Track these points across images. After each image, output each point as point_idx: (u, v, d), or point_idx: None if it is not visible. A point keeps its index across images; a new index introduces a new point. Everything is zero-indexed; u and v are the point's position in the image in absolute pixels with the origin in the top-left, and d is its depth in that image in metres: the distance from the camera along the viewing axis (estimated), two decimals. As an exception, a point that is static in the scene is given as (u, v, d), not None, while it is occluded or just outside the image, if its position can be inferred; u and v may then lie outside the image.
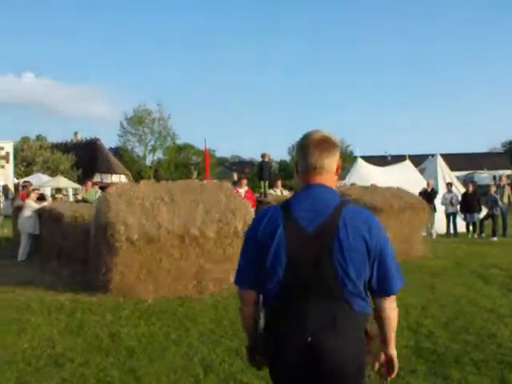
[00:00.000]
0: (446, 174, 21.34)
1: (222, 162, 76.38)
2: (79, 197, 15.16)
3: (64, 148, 41.03)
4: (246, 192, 11.81)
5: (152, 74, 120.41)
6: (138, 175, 45.34)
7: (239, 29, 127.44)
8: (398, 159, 45.65)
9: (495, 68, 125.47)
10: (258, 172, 13.56)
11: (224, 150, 77.87)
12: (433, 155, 23.91)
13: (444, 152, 65.09)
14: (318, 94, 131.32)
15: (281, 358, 2.02)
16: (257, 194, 13.04)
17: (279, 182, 14.86)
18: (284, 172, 66.03)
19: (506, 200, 15.55)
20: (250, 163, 72.95)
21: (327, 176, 2.14)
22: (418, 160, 28.06)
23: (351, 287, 1.99)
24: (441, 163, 22.24)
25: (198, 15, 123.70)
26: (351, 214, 2.04)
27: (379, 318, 2.10)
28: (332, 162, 2.15)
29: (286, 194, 14.18)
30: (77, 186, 28.12)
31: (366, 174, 16.10)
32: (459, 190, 18.71)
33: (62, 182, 27.72)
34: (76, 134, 48.19)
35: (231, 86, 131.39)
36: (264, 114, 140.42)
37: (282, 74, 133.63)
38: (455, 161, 64.47)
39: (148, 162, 49.34)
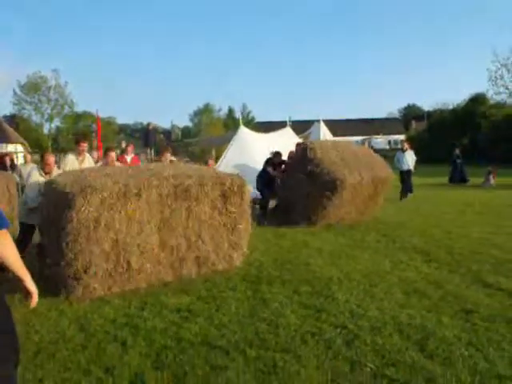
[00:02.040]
0: (328, 139, 23.37)
1: (124, 128, 75.72)
2: (-28, 166, 15.39)
3: (-48, 116, 39.44)
4: (132, 158, 12.81)
5: (49, 43, 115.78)
6: (35, 144, 44.49)
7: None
8: (298, 124, 47.45)
9: (396, 39, 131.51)
10: (144, 139, 14.66)
11: (127, 117, 77.13)
12: (318, 121, 25.70)
13: (344, 117, 68.20)
14: (223, 61, 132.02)
15: None
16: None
17: (168, 153, 15.93)
18: (187, 137, 67.01)
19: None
20: (153, 129, 72.88)
21: None
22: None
23: None
24: (323, 128, 24.25)
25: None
26: None
27: None
28: None
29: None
30: (-32, 155, 27.53)
31: (248, 141, 17.42)
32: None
33: (-49, 151, 27.16)
34: (-34, 101, 46.20)
35: (133, 53, 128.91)
36: (169, 81, 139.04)
37: (190, 43, 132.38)
38: (355, 126, 68.29)
39: (46, 130, 48.28)
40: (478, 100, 46.35)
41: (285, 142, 18.96)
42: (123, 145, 15.46)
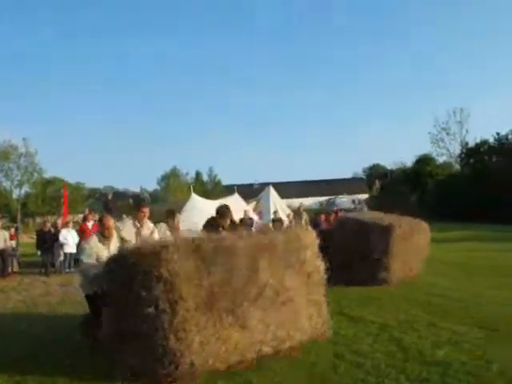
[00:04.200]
0: (276, 203, 25.40)
1: (94, 192, 76.72)
2: None
3: None
4: (93, 226, 14.72)
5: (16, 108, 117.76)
6: (5, 209, 45.84)
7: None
8: (264, 187, 49.49)
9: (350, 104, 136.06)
10: (104, 208, 16.74)
11: (98, 181, 77.91)
12: (268, 185, 27.86)
13: (309, 179, 70.01)
14: (187, 124, 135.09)
15: None
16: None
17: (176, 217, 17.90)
18: (156, 201, 68.38)
19: (304, 223, 19.88)
20: (123, 194, 73.61)
21: None
22: (281, 186, 30.20)
23: None
24: (273, 193, 26.34)
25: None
26: None
27: None
28: None
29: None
30: None
31: (199, 208, 19.50)
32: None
33: None
34: None
35: (102, 121, 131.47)
36: (136, 145, 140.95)
37: (146, 108, 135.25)
38: (320, 187, 70.99)
39: (15, 195, 49.68)
40: (424, 160, 49.95)
41: (234, 207, 21.14)
42: (86, 212, 17.20)
